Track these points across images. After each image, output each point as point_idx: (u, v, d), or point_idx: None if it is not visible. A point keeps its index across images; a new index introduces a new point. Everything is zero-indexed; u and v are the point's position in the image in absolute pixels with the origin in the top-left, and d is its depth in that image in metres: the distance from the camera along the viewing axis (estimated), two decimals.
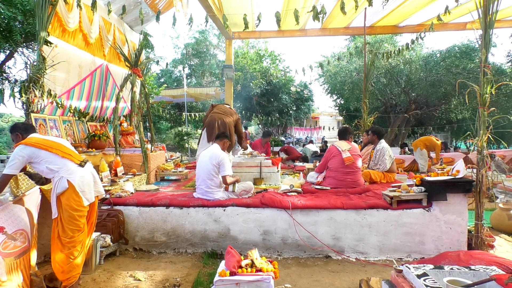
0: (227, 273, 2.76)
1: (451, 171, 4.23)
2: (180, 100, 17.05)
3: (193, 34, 23.54)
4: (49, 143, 2.93)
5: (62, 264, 2.83)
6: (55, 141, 3.03)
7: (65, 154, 2.94)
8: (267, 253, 3.97)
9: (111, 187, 4.39)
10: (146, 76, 6.21)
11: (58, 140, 3.07)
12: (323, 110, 33.57)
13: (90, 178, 3.08)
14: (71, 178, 2.89)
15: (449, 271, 2.74)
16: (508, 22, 8.13)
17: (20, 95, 4.23)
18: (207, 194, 4.20)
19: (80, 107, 5.84)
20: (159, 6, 6.87)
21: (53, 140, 3.03)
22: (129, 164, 5.70)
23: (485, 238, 3.87)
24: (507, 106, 12.51)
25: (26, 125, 3.17)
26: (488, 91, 3.77)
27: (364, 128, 7.76)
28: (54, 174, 2.88)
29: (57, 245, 2.86)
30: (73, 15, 5.21)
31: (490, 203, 5.76)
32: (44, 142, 2.92)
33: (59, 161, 2.90)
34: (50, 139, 3.06)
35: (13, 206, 2.83)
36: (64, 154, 2.94)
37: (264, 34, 9.29)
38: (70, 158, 2.96)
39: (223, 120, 5.26)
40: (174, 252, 4.07)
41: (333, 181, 4.77)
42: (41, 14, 4.30)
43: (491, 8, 3.72)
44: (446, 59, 13.38)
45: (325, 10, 5.67)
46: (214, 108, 5.64)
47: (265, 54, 15.85)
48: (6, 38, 6.19)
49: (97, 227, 3.79)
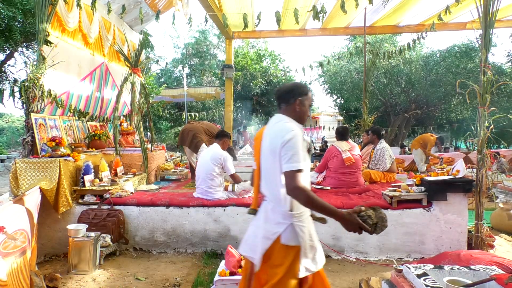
0: (227, 272, 2.77)
1: (451, 171, 4.23)
2: (180, 100, 17.04)
3: (193, 34, 23.57)
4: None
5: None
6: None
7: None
8: None
9: (111, 187, 4.39)
10: (146, 75, 6.21)
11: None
12: (323, 110, 33.53)
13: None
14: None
15: (449, 271, 2.74)
16: (508, 22, 8.12)
17: (20, 95, 4.23)
18: (207, 193, 4.20)
19: (80, 107, 5.84)
20: (159, 6, 6.86)
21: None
22: (129, 164, 5.69)
23: (485, 238, 3.87)
24: (507, 105, 12.51)
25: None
26: (489, 91, 3.76)
27: (364, 128, 7.75)
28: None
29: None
30: (72, 14, 5.20)
31: (490, 203, 5.76)
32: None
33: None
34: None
35: (13, 206, 2.83)
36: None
37: (264, 34, 9.28)
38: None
39: (193, 126, 5.79)
40: (174, 252, 4.07)
41: (333, 181, 4.77)
42: (41, 13, 4.30)
43: (491, 8, 3.72)
44: (446, 59, 13.38)
45: (325, 10, 5.68)
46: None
47: (265, 54, 15.84)
48: (6, 38, 6.19)
49: (97, 227, 3.80)
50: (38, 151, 4.22)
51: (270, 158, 1.90)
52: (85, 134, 5.73)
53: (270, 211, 1.91)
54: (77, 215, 4.03)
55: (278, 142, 1.83)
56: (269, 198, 1.94)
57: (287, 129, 1.87)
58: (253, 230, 1.98)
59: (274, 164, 1.87)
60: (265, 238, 1.86)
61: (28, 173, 3.89)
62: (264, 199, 2.00)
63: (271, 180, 1.91)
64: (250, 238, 1.98)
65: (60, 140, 4.23)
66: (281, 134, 1.85)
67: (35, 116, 4.34)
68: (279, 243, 1.83)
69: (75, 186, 4.27)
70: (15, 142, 19.77)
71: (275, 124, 1.99)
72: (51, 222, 4.08)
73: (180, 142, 5.84)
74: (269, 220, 1.89)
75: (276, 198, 1.89)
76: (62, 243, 3.94)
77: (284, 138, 1.82)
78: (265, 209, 1.94)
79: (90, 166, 4.51)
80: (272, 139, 1.90)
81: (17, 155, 13.31)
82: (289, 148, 1.80)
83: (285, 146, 1.80)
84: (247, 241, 1.98)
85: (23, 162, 3.91)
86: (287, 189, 1.79)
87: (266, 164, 1.94)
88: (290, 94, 2.02)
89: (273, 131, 1.94)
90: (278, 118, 2.01)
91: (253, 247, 1.91)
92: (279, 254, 1.83)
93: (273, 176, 1.90)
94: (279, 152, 1.82)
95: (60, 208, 3.91)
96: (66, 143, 4.68)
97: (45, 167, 3.92)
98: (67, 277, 3.37)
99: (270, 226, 1.87)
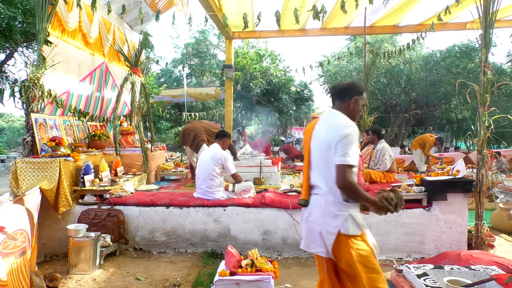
0: (227, 273, 2.76)
1: (451, 171, 4.23)
2: (180, 100, 17.03)
3: (193, 34, 23.56)
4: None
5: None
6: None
7: None
8: (267, 253, 3.97)
9: (111, 187, 4.39)
10: (146, 76, 6.20)
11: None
12: (323, 110, 33.55)
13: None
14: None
15: (449, 271, 2.74)
16: (508, 22, 8.12)
17: (20, 95, 4.23)
18: (207, 194, 4.20)
19: (80, 107, 5.84)
20: (159, 6, 6.86)
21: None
22: (129, 164, 5.69)
23: (485, 238, 3.87)
24: (507, 106, 12.51)
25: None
26: (489, 91, 3.76)
27: (364, 128, 7.75)
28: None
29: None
30: (73, 14, 5.20)
31: (490, 203, 5.76)
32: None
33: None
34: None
35: (13, 206, 2.83)
36: None
37: (264, 34, 9.27)
38: None
39: (194, 125, 5.76)
40: (174, 252, 4.07)
41: None
42: (41, 13, 4.30)
43: (491, 8, 3.72)
44: (446, 59, 13.39)
45: (325, 9, 5.67)
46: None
47: (265, 54, 15.82)
48: (6, 38, 6.18)
49: (97, 227, 3.80)
50: (38, 151, 4.22)
51: (326, 150, 1.96)
52: (85, 134, 5.73)
53: (325, 204, 1.97)
54: (77, 215, 4.03)
55: (336, 135, 1.90)
56: (324, 189, 1.99)
57: (345, 123, 1.95)
58: (310, 226, 2.02)
59: (330, 156, 1.94)
60: (328, 233, 1.92)
61: (28, 173, 3.89)
62: (314, 192, 2.05)
63: (327, 172, 1.97)
64: (310, 235, 2.02)
65: (60, 140, 4.23)
66: (339, 127, 1.92)
67: (35, 116, 4.33)
68: (342, 235, 1.90)
69: (75, 186, 4.27)
70: (15, 142, 19.78)
71: (331, 117, 2.07)
72: (51, 222, 4.08)
73: (181, 142, 5.84)
74: (326, 214, 1.96)
75: (332, 189, 1.95)
76: (62, 243, 3.95)
77: (342, 132, 1.89)
78: (318, 203, 2.00)
79: (90, 166, 4.51)
80: (329, 132, 1.97)
81: (17, 155, 13.32)
82: (346, 143, 1.88)
83: (343, 140, 1.88)
84: (309, 238, 2.03)
85: (23, 162, 3.91)
86: (337, 182, 1.88)
87: (321, 156, 2.00)
88: (346, 92, 2.08)
89: (330, 125, 2.01)
90: (334, 113, 2.08)
91: (318, 242, 1.97)
92: (346, 245, 1.90)
93: (329, 168, 1.95)
94: (335, 144, 1.90)
95: (60, 208, 3.91)
96: (66, 143, 4.68)
97: (45, 167, 3.92)
98: (67, 277, 3.38)
99: (329, 220, 1.94)
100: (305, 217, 2.07)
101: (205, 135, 5.65)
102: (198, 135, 5.54)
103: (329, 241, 1.92)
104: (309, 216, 2.04)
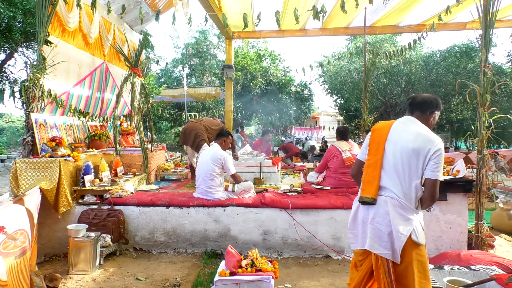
0: (227, 273, 2.76)
1: (451, 171, 4.22)
2: (180, 100, 17.04)
3: (193, 34, 23.57)
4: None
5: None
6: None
7: None
8: (267, 253, 3.97)
9: (111, 187, 4.39)
10: (146, 76, 6.20)
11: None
12: (323, 110, 33.57)
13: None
14: None
15: (449, 271, 2.74)
16: (508, 22, 8.11)
17: (20, 95, 4.23)
18: (207, 194, 4.20)
19: (80, 107, 5.84)
20: (159, 6, 6.86)
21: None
22: (129, 164, 5.69)
23: (485, 238, 3.87)
24: (507, 105, 12.51)
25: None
26: (489, 91, 3.76)
27: (364, 128, 7.75)
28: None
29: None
30: (73, 14, 5.20)
31: (490, 203, 5.76)
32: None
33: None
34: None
35: (13, 206, 2.83)
36: None
37: (264, 34, 9.27)
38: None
39: (194, 125, 5.69)
40: (174, 252, 4.07)
41: (333, 181, 4.77)
42: (41, 13, 4.29)
43: (491, 8, 3.72)
44: (446, 59, 13.40)
45: (325, 9, 5.66)
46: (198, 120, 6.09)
47: (265, 54, 15.83)
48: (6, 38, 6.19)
49: (97, 227, 3.80)
50: (38, 151, 4.22)
51: (412, 157, 2.01)
52: (85, 134, 5.73)
53: (399, 207, 2.02)
54: (77, 215, 4.03)
55: (429, 147, 1.99)
56: (397, 193, 2.03)
57: (437, 138, 2.04)
58: (377, 227, 2.04)
59: (417, 164, 2.01)
60: (399, 235, 1.96)
61: (28, 173, 3.89)
62: (385, 194, 2.07)
63: (408, 178, 2.02)
64: (376, 235, 2.04)
65: (60, 140, 4.23)
66: (432, 140, 2.01)
67: (35, 116, 4.33)
68: (411, 240, 1.97)
69: (75, 186, 4.27)
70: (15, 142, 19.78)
71: (414, 125, 2.11)
72: (51, 222, 4.08)
73: (182, 142, 5.82)
74: (399, 217, 2.00)
75: (407, 195, 2.02)
76: (62, 243, 3.95)
77: (436, 147, 1.99)
78: (391, 205, 2.03)
79: (90, 166, 4.51)
80: (418, 140, 2.03)
81: (17, 155, 13.32)
82: (440, 159, 1.99)
83: (437, 155, 1.99)
84: (375, 239, 2.04)
85: (23, 162, 3.91)
86: (427, 194, 1.99)
87: (403, 161, 2.04)
88: (428, 106, 2.15)
89: (418, 133, 2.06)
90: (415, 121, 2.13)
91: (384, 243, 2.00)
92: (411, 250, 1.97)
93: (410, 175, 2.02)
94: (428, 157, 1.99)
95: (60, 208, 3.91)
96: (66, 143, 4.68)
97: (45, 167, 3.92)
98: (67, 277, 3.38)
99: (402, 223, 1.99)
100: (370, 218, 2.08)
101: (206, 134, 5.64)
102: (199, 134, 5.53)
103: (399, 243, 1.96)
104: (375, 216, 2.06)
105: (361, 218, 2.14)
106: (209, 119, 6.21)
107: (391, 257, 1.98)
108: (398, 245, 1.96)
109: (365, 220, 2.11)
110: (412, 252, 1.96)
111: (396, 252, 1.97)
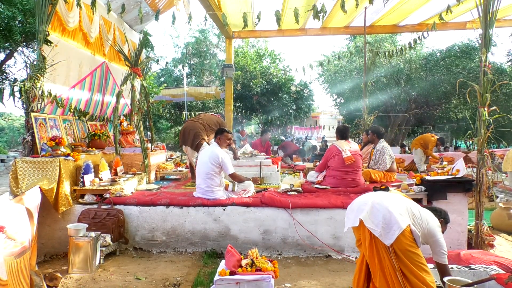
0: (227, 272, 2.77)
1: (451, 170, 4.23)
2: (180, 99, 17.04)
3: (193, 33, 23.54)
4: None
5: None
6: None
7: None
8: (267, 253, 3.97)
9: (111, 186, 4.39)
10: (146, 75, 6.20)
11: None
12: (323, 109, 33.54)
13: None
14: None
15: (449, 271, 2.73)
16: (508, 22, 8.11)
17: (20, 95, 4.23)
18: (207, 193, 4.20)
19: (80, 107, 5.84)
20: (159, 5, 6.85)
21: None
22: (129, 163, 5.69)
23: (485, 238, 3.87)
24: (507, 105, 12.50)
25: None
26: (489, 90, 3.76)
27: (364, 128, 7.75)
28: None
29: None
30: (73, 14, 5.19)
31: (490, 203, 5.76)
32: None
33: None
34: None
35: (13, 206, 2.83)
36: None
37: (264, 33, 9.27)
38: None
39: (193, 124, 5.67)
40: (174, 252, 4.07)
41: (333, 181, 4.77)
42: (41, 13, 4.29)
43: (491, 8, 3.72)
44: (446, 59, 13.38)
45: (325, 9, 5.65)
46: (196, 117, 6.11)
47: (265, 53, 15.83)
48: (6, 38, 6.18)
49: (97, 226, 3.80)
50: (38, 151, 4.22)
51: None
52: (85, 134, 5.73)
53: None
54: (77, 214, 4.04)
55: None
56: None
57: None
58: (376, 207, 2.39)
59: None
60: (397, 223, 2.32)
61: (28, 173, 3.89)
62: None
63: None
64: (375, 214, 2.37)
65: (60, 139, 4.23)
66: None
67: (35, 115, 4.33)
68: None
69: (75, 186, 4.27)
70: (15, 142, 19.80)
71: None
72: (51, 222, 4.08)
73: (181, 142, 5.81)
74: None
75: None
76: (62, 242, 3.95)
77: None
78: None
79: (90, 165, 4.51)
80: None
81: (17, 155, 13.31)
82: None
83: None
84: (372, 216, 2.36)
85: (23, 161, 3.91)
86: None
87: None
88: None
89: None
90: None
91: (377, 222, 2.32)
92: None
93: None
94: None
95: (60, 208, 3.91)
96: (66, 142, 4.68)
97: (45, 167, 3.92)
98: (67, 276, 3.38)
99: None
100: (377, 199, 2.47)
101: (205, 132, 5.62)
102: (198, 134, 5.52)
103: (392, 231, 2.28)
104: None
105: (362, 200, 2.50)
106: (208, 116, 6.17)
107: (378, 234, 2.22)
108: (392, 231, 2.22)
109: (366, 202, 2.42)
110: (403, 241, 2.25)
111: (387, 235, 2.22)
